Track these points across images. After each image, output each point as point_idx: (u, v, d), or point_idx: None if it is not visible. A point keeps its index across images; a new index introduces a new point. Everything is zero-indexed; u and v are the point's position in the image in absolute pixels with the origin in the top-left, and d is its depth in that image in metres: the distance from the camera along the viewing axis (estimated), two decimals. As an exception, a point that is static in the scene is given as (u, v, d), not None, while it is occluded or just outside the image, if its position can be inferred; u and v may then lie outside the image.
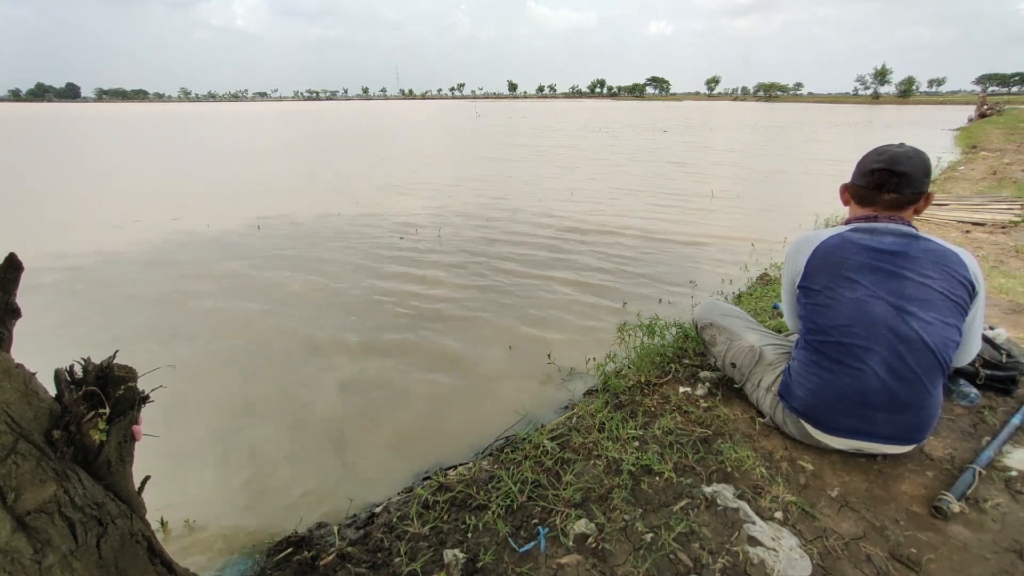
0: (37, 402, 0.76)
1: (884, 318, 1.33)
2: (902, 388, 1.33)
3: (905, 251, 1.37)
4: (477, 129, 23.14)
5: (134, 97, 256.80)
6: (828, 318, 1.41)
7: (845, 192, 1.57)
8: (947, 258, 1.36)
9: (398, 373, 2.60)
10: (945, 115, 33.73)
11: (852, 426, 1.42)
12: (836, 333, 1.39)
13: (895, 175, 1.40)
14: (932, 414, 1.38)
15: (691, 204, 6.73)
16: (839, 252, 1.42)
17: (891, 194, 1.43)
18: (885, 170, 1.41)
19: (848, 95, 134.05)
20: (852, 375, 1.37)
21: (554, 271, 4.10)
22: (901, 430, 1.39)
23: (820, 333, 1.44)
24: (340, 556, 1.30)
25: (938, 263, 1.35)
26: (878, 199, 1.45)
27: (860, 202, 1.50)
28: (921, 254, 1.36)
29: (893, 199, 1.43)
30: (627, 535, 1.27)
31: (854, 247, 1.40)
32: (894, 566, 1.18)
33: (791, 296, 1.59)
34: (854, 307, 1.36)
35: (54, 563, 0.72)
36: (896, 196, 1.42)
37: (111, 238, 5.04)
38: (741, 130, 22.47)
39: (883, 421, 1.38)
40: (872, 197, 1.46)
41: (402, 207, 6.55)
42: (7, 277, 0.80)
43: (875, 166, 1.43)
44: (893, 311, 1.33)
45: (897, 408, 1.36)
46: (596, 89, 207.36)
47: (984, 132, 15.99)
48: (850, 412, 1.40)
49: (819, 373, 1.43)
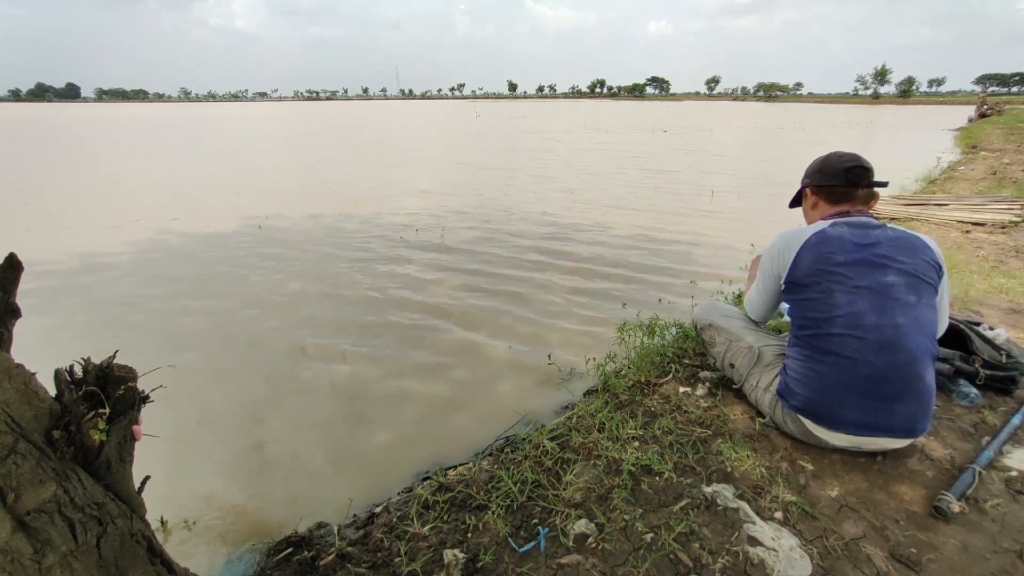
0: (37, 402, 0.76)
1: (872, 307, 1.39)
2: (895, 374, 1.37)
3: (881, 241, 1.45)
4: (477, 129, 23.14)
5: (134, 97, 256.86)
6: (819, 312, 1.45)
7: (815, 195, 1.65)
8: (915, 244, 1.46)
9: (398, 373, 2.60)
10: (945, 115, 33.74)
11: (852, 418, 1.42)
12: (828, 326, 1.43)
13: (867, 170, 1.55)
14: (927, 401, 1.40)
15: (691, 204, 6.73)
16: (824, 247, 1.48)
17: (865, 188, 1.56)
18: (859, 167, 1.55)
19: (848, 95, 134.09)
20: (846, 365, 1.39)
21: (554, 271, 4.10)
22: (900, 420, 1.40)
23: (812, 327, 1.47)
24: (340, 556, 1.30)
25: (909, 249, 1.45)
26: (854, 195, 1.56)
27: (834, 200, 1.60)
28: (894, 242, 1.45)
29: (867, 193, 1.57)
30: (627, 535, 1.27)
31: (837, 242, 1.47)
32: (894, 566, 1.18)
33: (771, 289, 1.66)
34: (843, 299, 1.42)
35: (54, 563, 0.72)
36: (869, 190, 1.57)
37: (111, 238, 5.04)
38: (741, 131, 22.48)
39: (881, 411, 1.39)
40: (848, 194, 1.57)
41: (402, 207, 6.55)
42: (7, 277, 0.80)
43: (848, 164, 1.56)
44: (879, 299, 1.39)
45: (893, 396, 1.38)
46: (596, 89, 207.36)
47: (984, 132, 15.99)
48: (848, 403, 1.41)
49: (815, 367, 1.46)
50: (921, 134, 19.01)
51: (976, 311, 2.60)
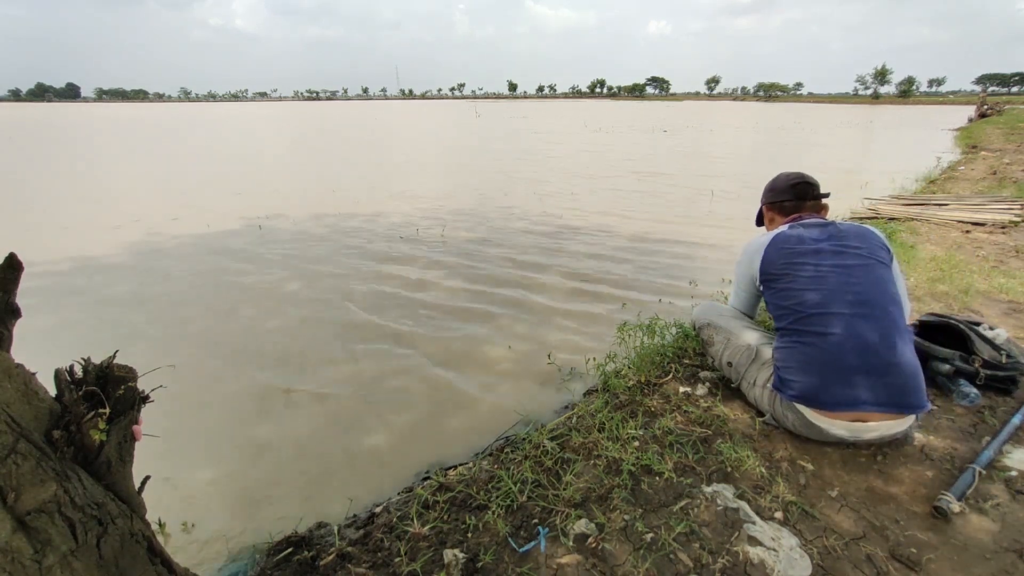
0: (37, 402, 0.76)
1: (839, 285, 1.52)
2: (873, 342, 1.44)
3: (834, 233, 1.62)
4: (477, 129, 23.14)
5: (134, 97, 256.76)
6: (792, 298, 1.58)
7: (770, 211, 1.89)
8: (864, 231, 1.63)
9: (398, 373, 2.60)
10: (945, 115, 33.73)
11: (844, 396, 1.45)
12: (803, 308, 1.54)
13: (811, 185, 1.80)
14: (915, 374, 1.46)
15: (691, 204, 6.73)
16: (786, 244, 1.64)
17: (811, 200, 1.79)
18: (803, 182, 1.80)
19: (848, 95, 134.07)
20: (826, 340, 1.48)
21: (554, 271, 4.10)
22: (890, 394, 1.43)
23: (789, 314, 1.58)
24: (340, 556, 1.30)
25: (860, 236, 1.61)
26: (803, 207, 1.79)
27: (785, 213, 1.82)
28: (846, 232, 1.62)
29: (814, 204, 1.80)
30: (627, 535, 1.27)
31: (796, 238, 1.64)
32: (894, 566, 1.18)
33: (748, 291, 1.85)
34: (811, 282, 1.55)
35: (54, 563, 0.72)
36: (815, 201, 1.80)
37: (111, 238, 5.04)
38: (741, 131, 22.47)
39: (872, 385, 1.43)
40: (797, 206, 1.80)
41: (402, 207, 6.55)
42: (7, 277, 0.80)
43: (793, 181, 1.81)
44: (844, 278, 1.52)
45: (880, 368, 1.43)
46: (596, 89, 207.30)
47: (984, 132, 15.99)
48: (840, 380, 1.45)
49: (799, 349, 1.53)
50: (921, 134, 19.00)
51: (976, 311, 2.60)
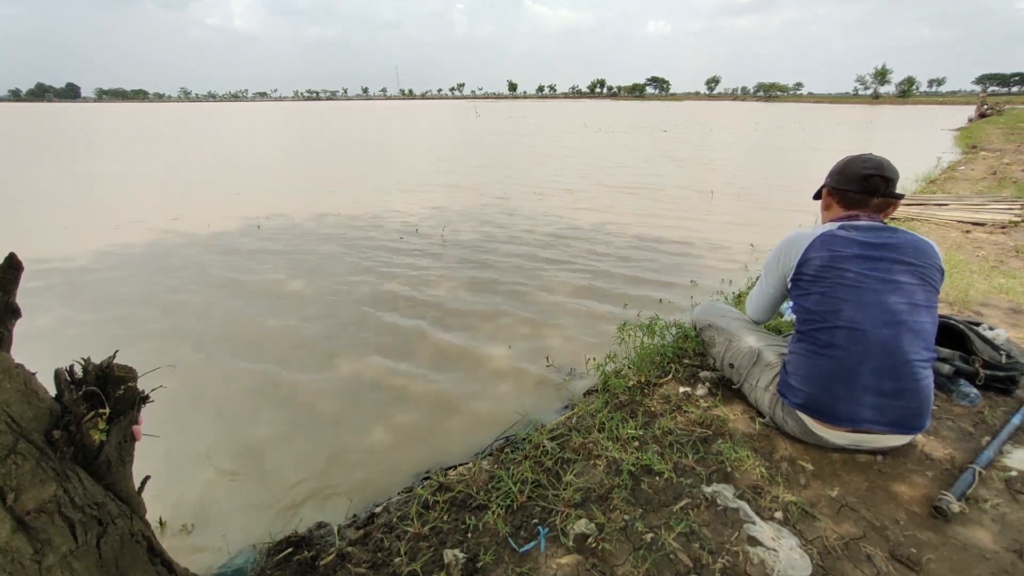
0: (37, 402, 0.76)
1: (875, 302, 1.40)
2: (895, 370, 1.37)
3: (889, 242, 1.45)
4: (477, 129, 23.13)
5: (134, 97, 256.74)
6: (825, 305, 1.45)
7: (830, 196, 1.63)
8: (923, 247, 1.46)
9: (398, 373, 2.60)
10: (945, 115, 33.72)
11: (849, 414, 1.43)
12: (831, 318, 1.44)
13: (886, 180, 1.51)
14: (926, 398, 1.40)
15: (691, 204, 6.73)
16: (831, 245, 1.49)
17: (881, 198, 1.53)
18: (878, 176, 1.50)
19: (848, 95, 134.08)
20: (847, 358, 1.40)
21: (554, 271, 4.10)
22: (897, 416, 1.41)
23: (817, 321, 1.47)
24: (340, 556, 1.30)
25: (918, 251, 1.45)
26: (868, 203, 1.54)
27: (847, 205, 1.58)
28: (904, 244, 1.45)
29: (881, 202, 1.54)
30: (627, 535, 1.27)
31: (844, 240, 1.48)
32: (894, 566, 1.18)
33: (774, 288, 1.68)
34: (847, 292, 1.42)
35: (54, 563, 0.72)
36: (884, 200, 1.53)
37: (111, 238, 5.04)
38: (741, 131, 22.47)
39: (881, 406, 1.40)
40: (862, 201, 1.54)
41: (402, 207, 6.55)
42: (7, 277, 0.80)
43: (867, 172, 1.51)
44: (883, 295, 1.40)
45: (892, 392, 1.38)
46: (596, 89, 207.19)
47: (984, 132, 15.99)
48: (848, 398, 1.42)
49: (814, 360, 1.47)
50: (921, 134, 19.00)
51: (976, 311, 2.60)
